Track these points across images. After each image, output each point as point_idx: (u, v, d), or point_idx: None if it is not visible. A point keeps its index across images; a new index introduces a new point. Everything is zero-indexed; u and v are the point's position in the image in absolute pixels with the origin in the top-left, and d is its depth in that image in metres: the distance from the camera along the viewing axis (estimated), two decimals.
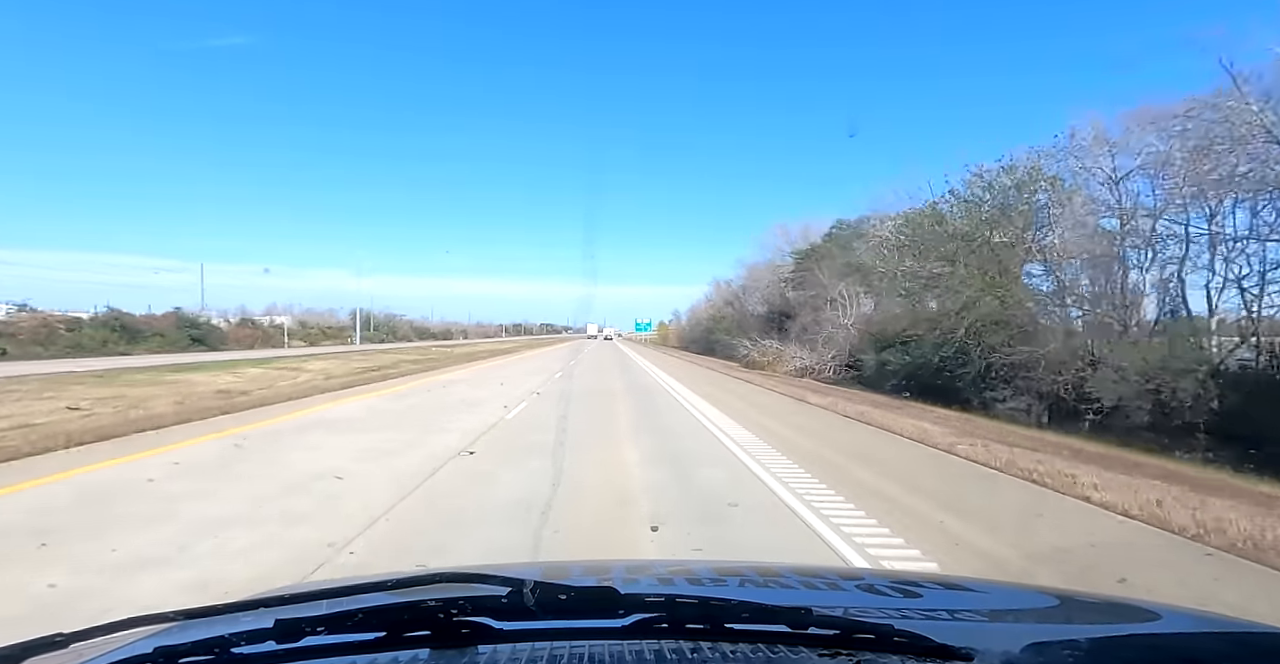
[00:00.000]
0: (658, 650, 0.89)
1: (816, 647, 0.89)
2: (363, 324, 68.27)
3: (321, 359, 30.45)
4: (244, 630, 0.87)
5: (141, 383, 16.78)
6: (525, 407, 14.17)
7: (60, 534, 4.98)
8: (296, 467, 7.55)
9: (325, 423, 11.37)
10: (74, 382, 16.32)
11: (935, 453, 9.87)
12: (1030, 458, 8.92)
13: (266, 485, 6.67)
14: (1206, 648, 1.07)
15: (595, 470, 7.71)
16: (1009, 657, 0.91)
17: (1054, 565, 4.71)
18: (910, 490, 7.13)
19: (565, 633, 0.92)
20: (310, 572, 4.31)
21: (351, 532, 5.16)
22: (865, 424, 13.13)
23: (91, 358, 28.18)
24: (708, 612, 0.93)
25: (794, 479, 7.43)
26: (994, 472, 8.35)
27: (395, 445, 9.05)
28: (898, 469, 8.45)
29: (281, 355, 34.55)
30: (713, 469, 7.98)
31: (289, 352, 40.50)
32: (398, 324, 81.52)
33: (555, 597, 0.90)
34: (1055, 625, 1.32)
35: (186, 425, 10.52)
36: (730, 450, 9.35)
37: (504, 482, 7.05)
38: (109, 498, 6.11)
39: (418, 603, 0.93)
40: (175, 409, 11.80)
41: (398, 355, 36.62)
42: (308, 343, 54.31)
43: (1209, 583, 4.58)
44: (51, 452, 8.08)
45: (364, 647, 0.89)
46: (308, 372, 22.85)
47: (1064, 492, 7.15)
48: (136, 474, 7.04)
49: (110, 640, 0.93)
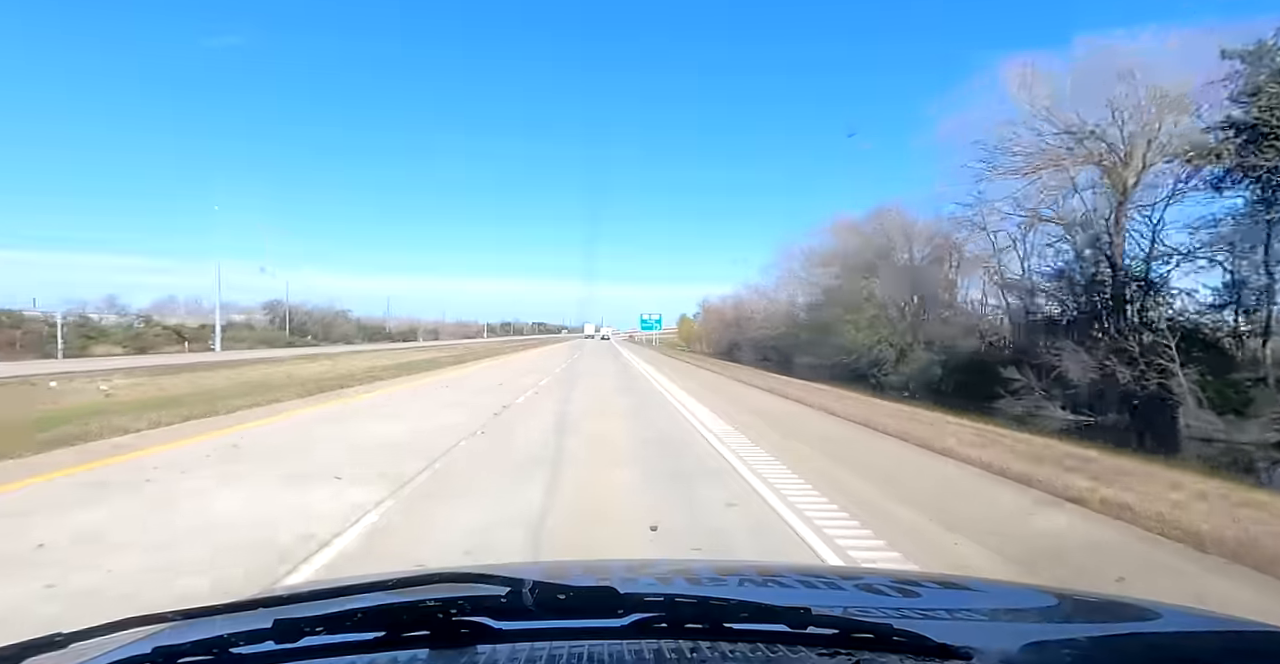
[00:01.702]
0: (657, 650, 0.89)
1: (816, 646, 0.89)
2: (282, 321, 58.80)
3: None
4: (243, 630, 0.86)
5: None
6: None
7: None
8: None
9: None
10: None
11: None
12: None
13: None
14: (1205, 647, 1.07)
15: None
16: (1007, 656, 0.91)
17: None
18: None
19: (565, 633, 0.92)
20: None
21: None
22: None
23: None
24: (707, 611, 0.93)
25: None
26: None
27: None
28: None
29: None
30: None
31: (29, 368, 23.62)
32: (335, 322, 69.03)
33: (554, 596, 0.90)
34: (1054, 624, 1.32)
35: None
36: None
37: None
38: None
39: (417, 603, 0.93)
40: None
41: (230, 374, 20.92)
42: (133, 349, 38.45)
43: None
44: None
45: (363, 647, 0.89)
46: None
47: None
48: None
49: (109, 640, 0.92)
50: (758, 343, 50.41)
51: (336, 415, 12.42)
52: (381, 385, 18.79)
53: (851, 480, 7.49)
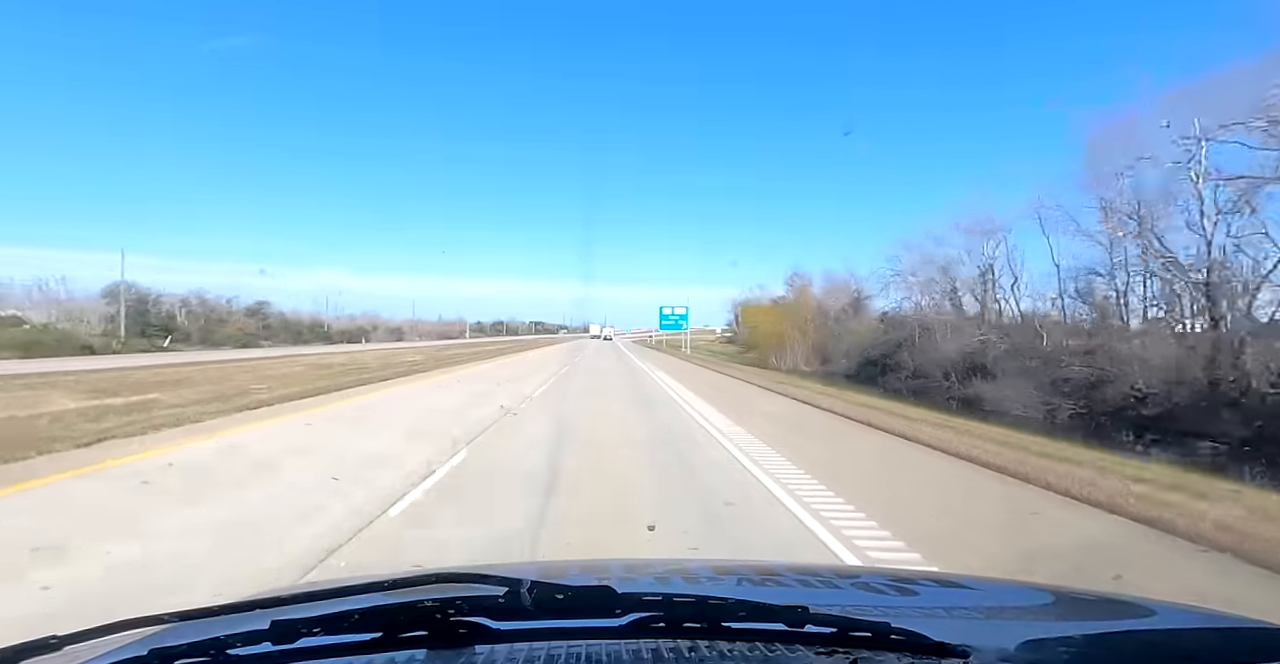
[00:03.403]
0: (655, 650, 0.89)
1: (814, 645, 0.89)
2: (140, 317, 44.09)
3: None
4: (240, 632, 0.86)
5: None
6: None
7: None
8: None
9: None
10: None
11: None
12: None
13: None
14: (1201, 644, 1.07)
15: None
16: (1005, 654, 0.91)
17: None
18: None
19: (562, 633, 0.92)
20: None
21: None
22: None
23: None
24: (705, 611, 0.93)
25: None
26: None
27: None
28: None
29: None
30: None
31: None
32: (223, 318, 52.77)
33: (552, 596, 0.90)
34: (1051, 622, 1.32)
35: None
36: None
37: None
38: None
39: (414, 603, 0.92)
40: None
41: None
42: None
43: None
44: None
45: (361, 647, 0.89)
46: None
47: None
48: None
49: (105, 642, 0.92)
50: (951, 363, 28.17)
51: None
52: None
53: None
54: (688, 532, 5.29)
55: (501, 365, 31.04)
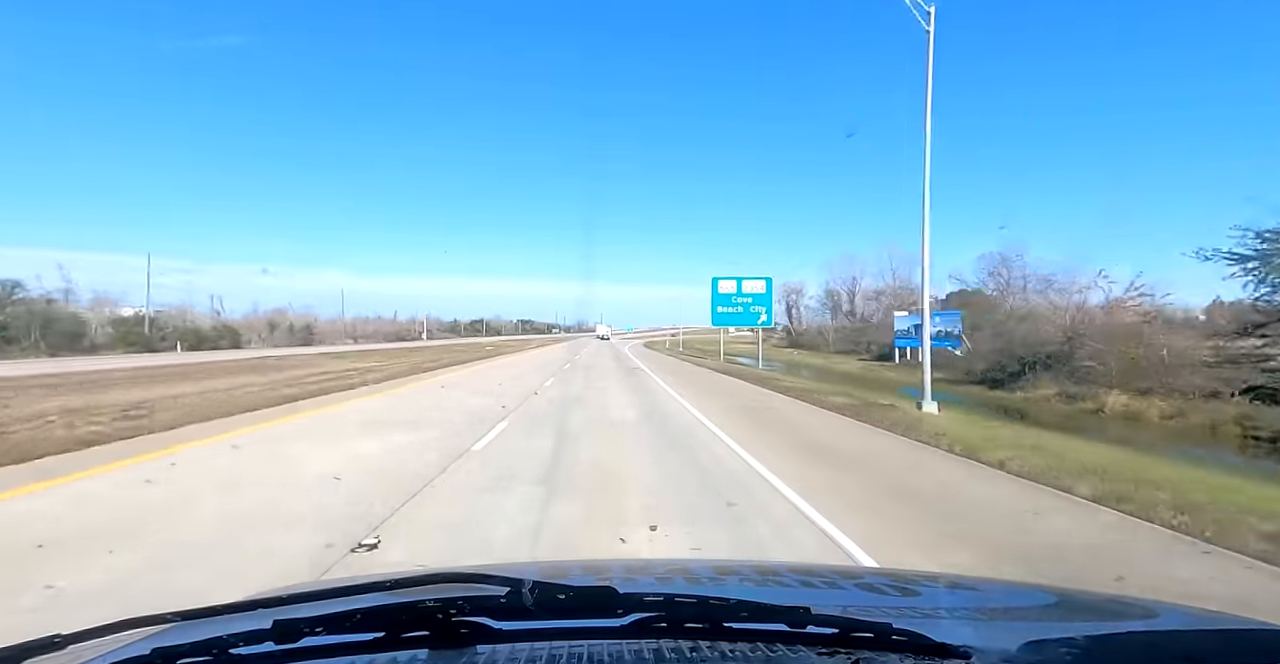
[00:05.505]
0: (657, 650, 0.88)
1: (815, 645, 0.89)
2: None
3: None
4: (242, 631, 0.86)
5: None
6: None
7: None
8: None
9: None
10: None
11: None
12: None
13: None
14: (1204, 646, 1.07)
15: None
16: (1007, 655, 0.90)
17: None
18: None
19: (564, 633, 0.92)
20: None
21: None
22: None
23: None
24: (706, 611, 0.93)
25: None
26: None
27: None
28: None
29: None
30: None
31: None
32: (59, 316, 38.34)
33: (554, 596, 0.90)
34: (1053, 623, 1.31)
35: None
36: None
37: None
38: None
39: (416, 603, 0.92)
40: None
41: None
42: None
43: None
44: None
45: (363, 647, 0.89)
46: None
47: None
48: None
49: (108, 642, 0.92)
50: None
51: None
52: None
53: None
54: None
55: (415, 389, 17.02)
